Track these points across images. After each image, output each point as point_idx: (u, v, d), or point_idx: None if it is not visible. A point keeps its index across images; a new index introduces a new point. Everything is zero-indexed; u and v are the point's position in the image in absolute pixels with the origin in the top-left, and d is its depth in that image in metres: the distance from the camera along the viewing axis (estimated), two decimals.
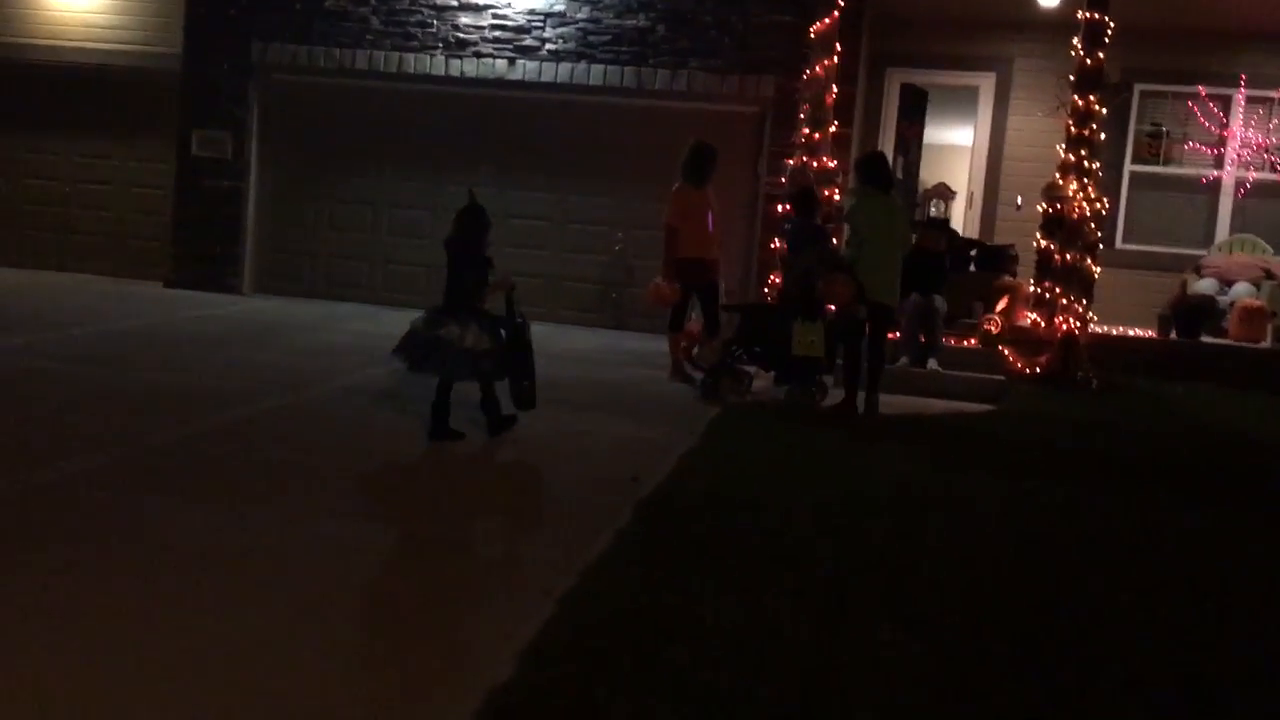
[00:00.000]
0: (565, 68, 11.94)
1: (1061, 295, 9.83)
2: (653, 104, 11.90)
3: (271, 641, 3.45)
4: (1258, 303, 10.55)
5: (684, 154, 9.17)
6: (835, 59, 10.42)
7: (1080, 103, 9.87)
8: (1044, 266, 9.94)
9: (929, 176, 14.76)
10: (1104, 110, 10.07)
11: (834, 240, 9.24)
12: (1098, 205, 9.88)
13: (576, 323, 11.99)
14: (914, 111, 13.09)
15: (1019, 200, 11.88)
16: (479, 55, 12.11)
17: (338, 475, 5.47)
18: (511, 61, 12.03)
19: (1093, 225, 9.86)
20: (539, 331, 11.27)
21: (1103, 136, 11.44)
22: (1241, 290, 11.03)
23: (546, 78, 11.98)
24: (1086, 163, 9.86)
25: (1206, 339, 10.53)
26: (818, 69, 10.43)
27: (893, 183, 8.35)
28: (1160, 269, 11.75)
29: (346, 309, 11.89)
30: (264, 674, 3.23)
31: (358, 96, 12.54)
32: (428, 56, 12.21)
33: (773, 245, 10.67)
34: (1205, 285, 11.22)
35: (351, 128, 12.63)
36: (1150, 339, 10.41)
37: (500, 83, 12.07)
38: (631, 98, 11.92)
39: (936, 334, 9.40)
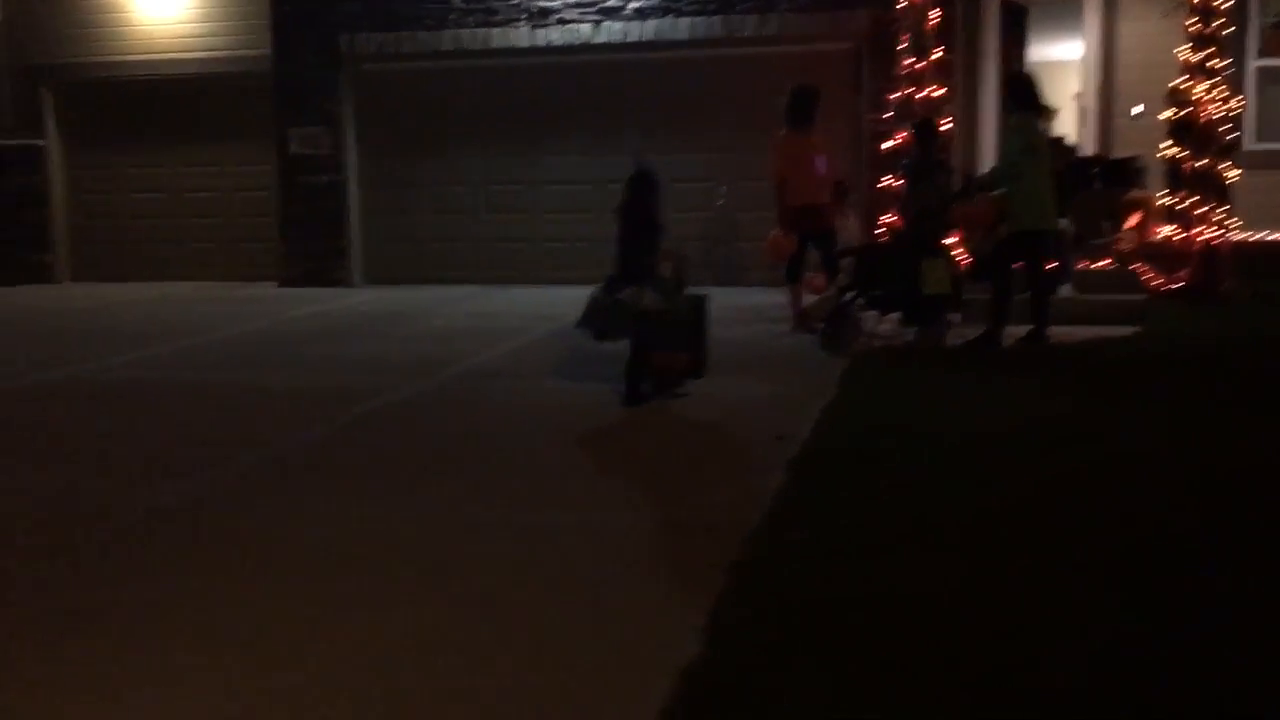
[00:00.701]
0: (651, 25, 11.71)
1: (1197, 204, 9.32)
2: (743, 52, 11.62)
3: (456, 632, 3.39)
4: None
5: (784, 100, 8.91)
6: None
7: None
8: (1175, 176, 9.43)
9: None
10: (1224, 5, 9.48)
11: (953, 172, 8.85)
12: (1228, 106, 9.31)
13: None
14: (1015, 30, 12.52)
15: (1138, 109, 11.29)
16: (563, 22, 11.94)
17: (492, 458, 5.42)
18: (596, 24, 11.85)
19: (1224, 128, 9.30)
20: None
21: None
22: None
23: (633, 37, 11.77)
24: (1212, 61, 9.29)
25: None
26: None
27: (1044, 104, 8.02)
28: None
29: (456, 291, 11.91)
30: (452, 666, 3.17)
31: (446, 77, 12.50)
32: (511, 29, 12.09)
33: (880, 184, 10.32)
34: None
35: (443, 110, 12.61)
36: None
37: (587, 47, 11.90)
38: (721, 48, 11.65)
39: (1066, 259, 9.00)
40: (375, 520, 4.48)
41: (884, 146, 10.30)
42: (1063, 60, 14.12)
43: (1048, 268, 8.06)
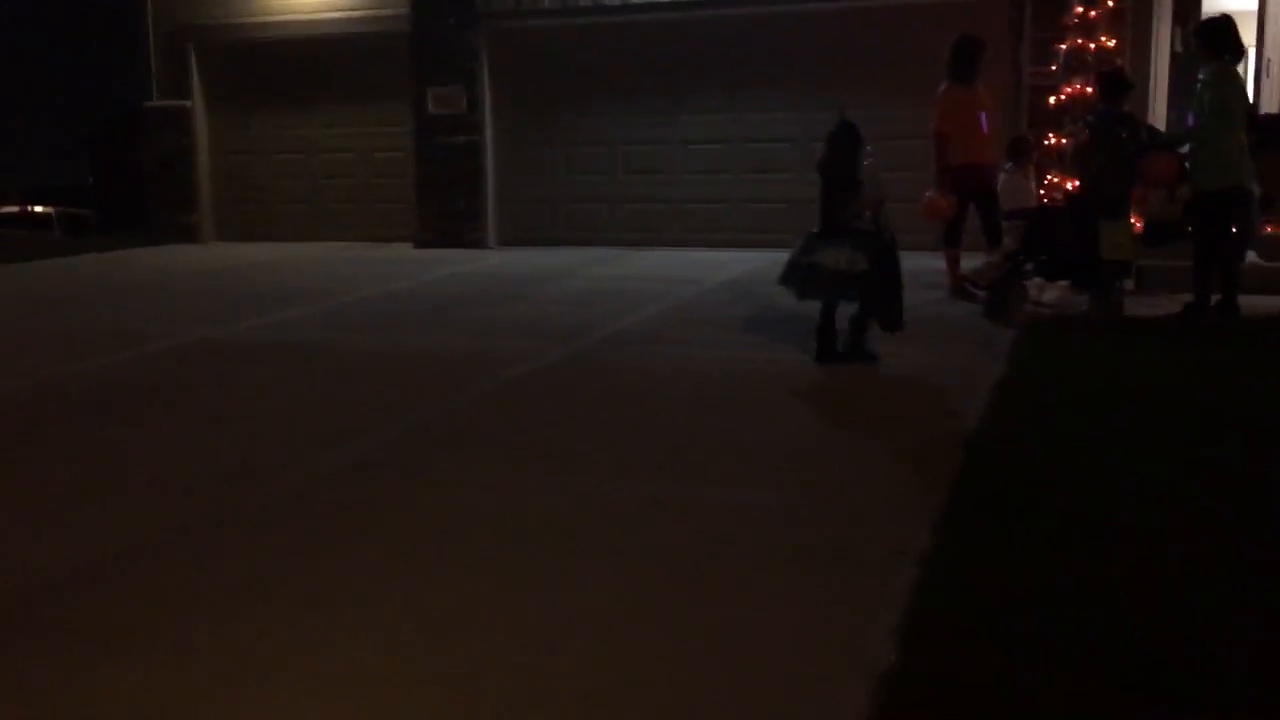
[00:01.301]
0: None
1: None
2: (892, 3, 11.06)
3: (632, 617, 3.16)
4: None
5: (947, 52, 8.40)
6: None
7: None
8: None
9: None
10: None
11: (1142, 127, 8.21)
12: None
13: None
14: None
15: None
16: None
17: (641, 428, 5.18)
18: None
19: None
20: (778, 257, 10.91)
21: None
22: None
23: None
24: None
25: None
26: None
27: (1245, 51, 7.38)
28: None
29: (592, 254, 11.71)
30: (628, 650, 2.94)
31: (584, 34, 12.26)
32: None
33: (1048, 142, 9.72)
34: None
35: (580, 67, 12.37)
36: None
37: (726, 1, 11.49)
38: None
39: (1251, 223, 8.31)
40: (539, 493, 4.29)
41: (1051, 100, 9.68)
42: (1237, 9, 13.15)
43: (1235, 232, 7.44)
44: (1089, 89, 9.21)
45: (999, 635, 2.97)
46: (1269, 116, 9.86)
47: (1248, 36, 12.08)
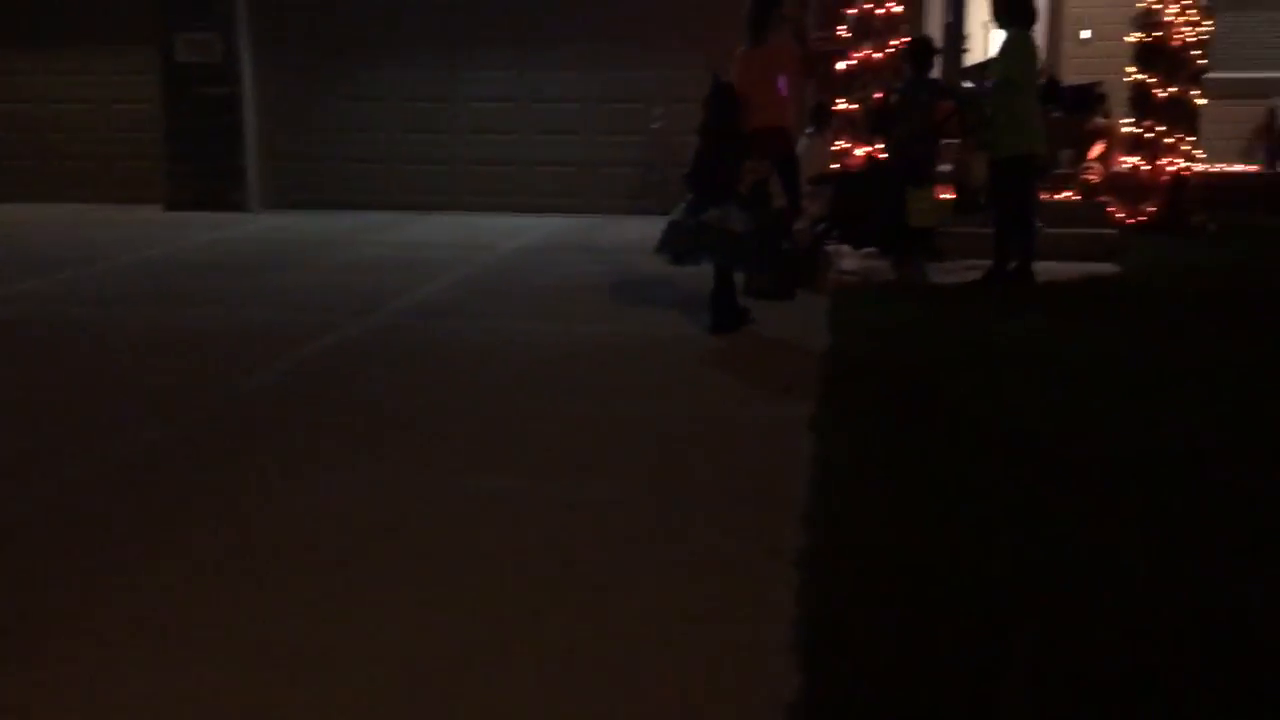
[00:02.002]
0: None
1: (1165, 133, 8.97)
2: None
3: (481, 645, 2.70)
4: None
5: (744, 11, 8.11)
6: None
7: None
8: (1142, 103, 9.06)
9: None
10: None
11: (952, 93, 8.23)
12: (1198, 30, 8.95)
13: (618, 211, 11.08)
14: None
15: (1086, 33, 10.91)
16: None
17: (464, 413, 4.67)
18: None
19: (1194, 53, 8.94)
20: (584, 224, 10.56)
21: None
22: None
23: None
24: None
25: None
26: None
27: (1035, 19, 7.43)
28: (1242, 97, 10.86)
29: (370, 219, 10.91)
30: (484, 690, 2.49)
31: None
32: None
33: (838, 108, 9.70)
34: None
35: (352, 14, 11.46)
36: (1255, 174, 9.60)
37: None
38: None
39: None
40: (359, 494, 3.73)
41: (839, 67, 9.66)
42: None
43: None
44: (877, 55, 9.24)
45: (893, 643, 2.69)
46: (1071, 88, 10.18)
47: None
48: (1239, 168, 9.61)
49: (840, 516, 3.45)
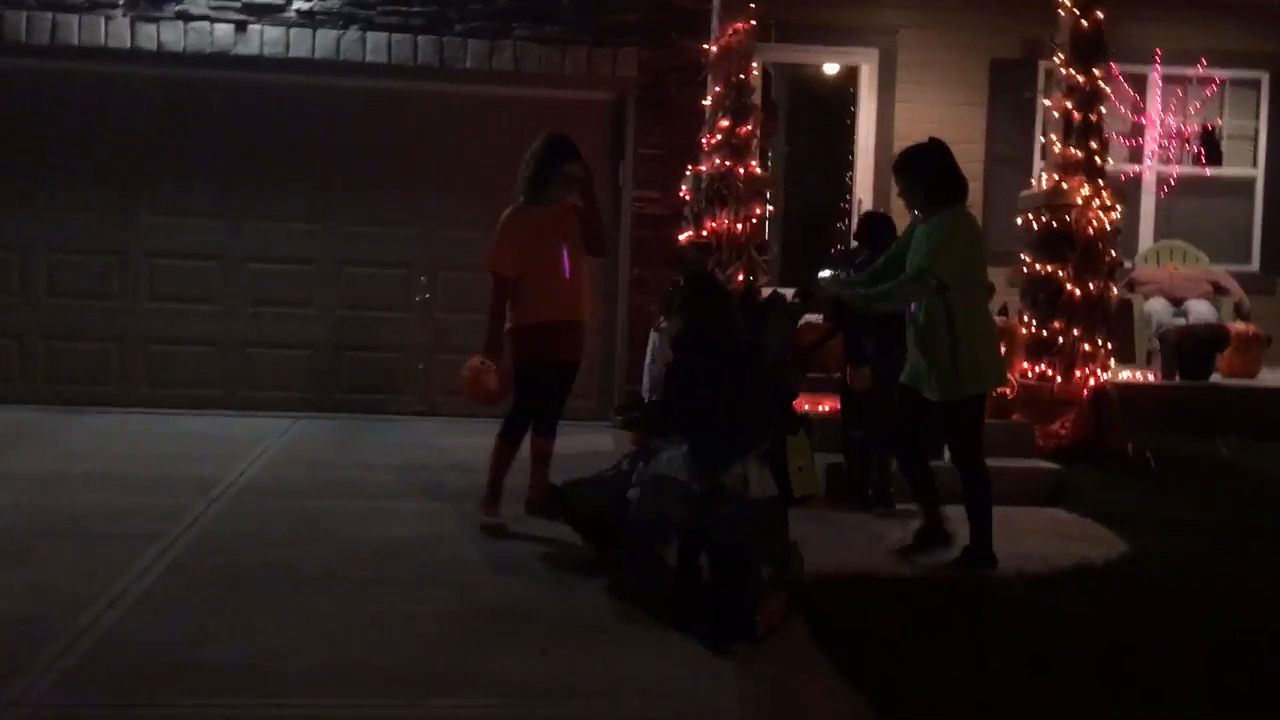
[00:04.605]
0: (326, 36, 8.07)
1: (1081, 339, 7.30)
2: (460, 90, 8.32)
3: None
4: (1253, 329, 8.55)
5: (526, 157, 5.60)
6: (750, 20, 7.34)
7: (1082, 78, 7.35)
8: (1049, 300, 7.36)
9: None
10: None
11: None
12: (1113, 215, 7.43)
13: (367, 410, 8.21)
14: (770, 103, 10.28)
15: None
16: (188, 17, 7.96)
17: None
18: (241, 27, 8.00)
19: (1103, 244, 7.39)
20: (329, 432, 7.54)
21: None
22: (1204, 311, 9.04)
23: (297, 52, 8.04)
24: (1098, 159, 7.37)
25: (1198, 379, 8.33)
26: (729, 33, 7.30)
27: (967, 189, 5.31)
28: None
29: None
30: None
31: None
32: (102, 19, 7.90)
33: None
34: (1157, 307, 9.13)
35: None
36: (1153, 384, 8.11)
37: (224, 59, 8.02)
38: (429, 81, 8.28)
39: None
40: None
41: (683, 237, 7.43)
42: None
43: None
44: (737, 225, 7.10)
45: None
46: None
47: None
48: (1128, 376, 8.06)
49: None
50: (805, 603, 4.24)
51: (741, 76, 7.27)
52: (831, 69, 10.16)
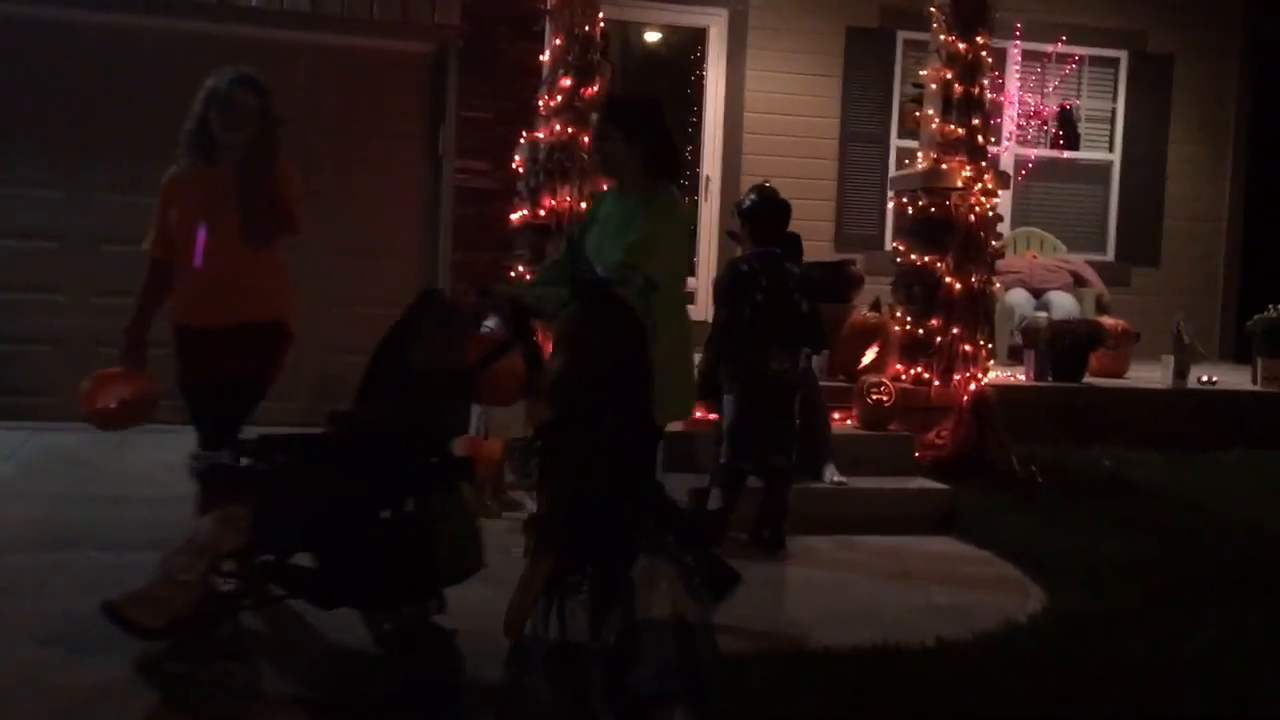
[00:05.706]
0: None
1: (961, 338, 6.54)
2: (240, 32, 6.86)
3: None
4: (1123, 325, 8.01)
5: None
6: None
7: (963, 45, 6.56)
8: (926, 294, 6.57)
9: None
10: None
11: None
12: (994, 200, 6.69)
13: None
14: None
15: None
16: None
17: None
18: None
19: (985, 232, 6.64)
20: (75, 447, 5.91)
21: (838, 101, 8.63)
22: (1066, 304, 8.49)
23: None
24: (980, 138, 6.60)
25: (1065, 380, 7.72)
26: None
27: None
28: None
29: None
30: None
31: None
32: None
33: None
34: (1018, 299, 8.53)
35: None
36: (1024, 385, 7.44)
37: None
38: (198, 19, 6.79)
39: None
40: None
41: (515, 217, 6.28)
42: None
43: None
44: (581, 203, 6.01)
45: None
46: (816, 265, 7.36)
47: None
48: (994, 375, 7.33)
49: None
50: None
51: (587, 28, 6.16)
52: (675, 30, 9.13)
